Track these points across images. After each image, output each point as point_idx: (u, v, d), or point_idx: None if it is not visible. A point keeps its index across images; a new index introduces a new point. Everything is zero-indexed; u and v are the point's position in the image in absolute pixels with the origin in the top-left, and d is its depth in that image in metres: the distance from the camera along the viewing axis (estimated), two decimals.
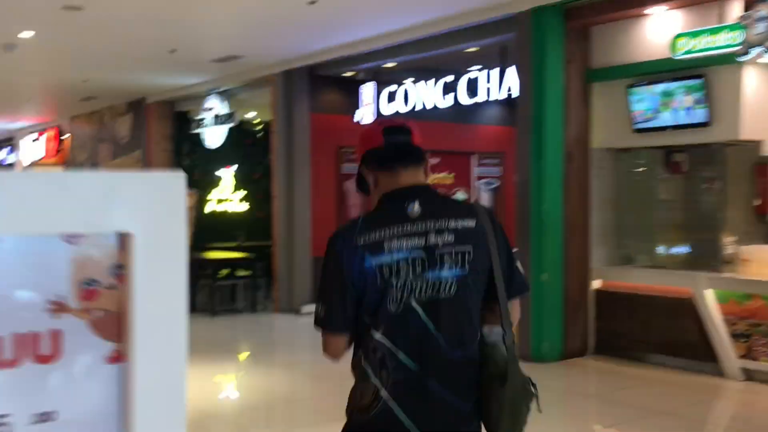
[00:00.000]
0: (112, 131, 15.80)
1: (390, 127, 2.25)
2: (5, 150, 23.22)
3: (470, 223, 2.14)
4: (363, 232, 2.09)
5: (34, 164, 20.77)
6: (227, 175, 14.86)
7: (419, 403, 2.06)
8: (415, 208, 2.11)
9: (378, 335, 2.07)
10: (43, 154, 19.43)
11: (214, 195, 14.70)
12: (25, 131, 20.64)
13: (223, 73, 11.73)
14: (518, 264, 2.28)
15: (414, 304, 2.07)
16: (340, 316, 2.10)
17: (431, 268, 2.08)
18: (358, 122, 10.32)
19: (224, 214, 14.70)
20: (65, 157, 19.75)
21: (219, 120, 12.84)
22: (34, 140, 20.01)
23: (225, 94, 12.72)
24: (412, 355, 2.06)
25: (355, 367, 2.15)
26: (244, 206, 15.01)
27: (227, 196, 14.86)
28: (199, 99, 13.16)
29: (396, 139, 2.21)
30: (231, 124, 12.80)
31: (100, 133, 16.40)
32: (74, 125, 17.80)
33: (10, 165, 21.96)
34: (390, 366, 2.06)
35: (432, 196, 2.21)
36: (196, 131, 13.69)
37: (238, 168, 14.93)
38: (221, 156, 14.83)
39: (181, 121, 14.38)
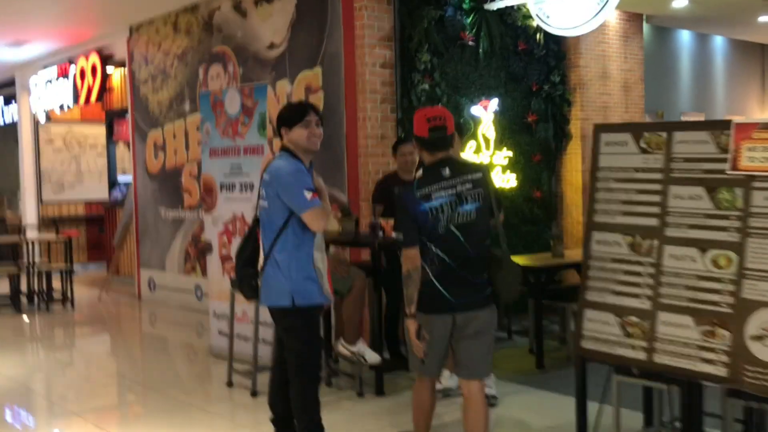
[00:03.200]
0: (238, 38, 8.36)
1: (433, 126, 3.70)
2: None
3: (478, 175, 3.73)
4: (418, 189, 3.66)
5: (53, 120, 13.13)
6: (486, 117, 7.62)
7: (451, 281, 3.66)
8: (447, 171, 3.67)
9: (432, 246, 3.65)
10: (71, 101, 11.80)
11: (466, 153, 7.46)
12: (33, 65, 12.91)
13: None
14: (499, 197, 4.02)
15: (452, 227, 3.63)
16: (412, 237, 3.65)
17: (460, 204, 3.64)
18: None
19: None
20: (111, 104, 12.17)
21: None
22: (50, 81, 12.34)
23: None
24: (449, 255, 3.64)
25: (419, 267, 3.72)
26: (510, 178, 7.80)
27: (486, 159, 7.64)
28: None
29: (437, 134, 3.70)
30: None
31: (203, 48, 8.94)
32: (138, 43, 10.26)
33: (12, 125, 14.22)
34: (436, 261, 3.65)
35: (455, 163, 3.77)
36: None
37: (502, 103, 7.71)
38: (485, 76, 7.60)
39: (417, 5, 7.04)
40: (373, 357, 5.23)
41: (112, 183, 13.01)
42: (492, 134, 7.62)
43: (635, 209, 3.53)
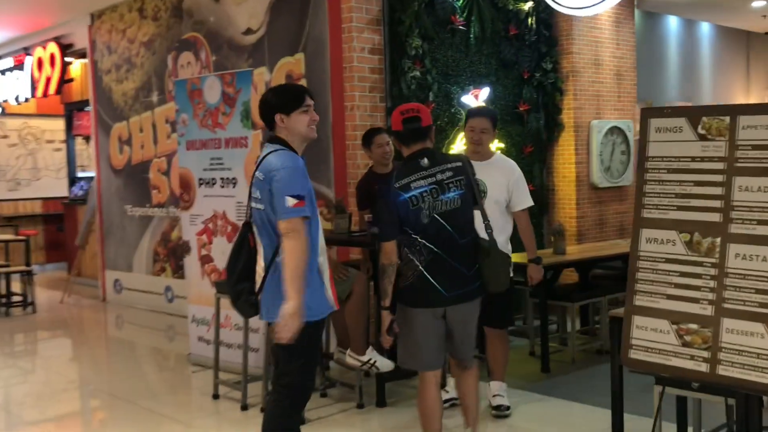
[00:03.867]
0: (210, 23, 7.84)
1: (407, 118, 3.74)
2: None
3: (458, 163, 3.76)
4: (397, 180, 3.64)
5: (8, 114, 12.40)
6: (477, 105, 7.22)
7: (442, 272, 3.62)
8: (425, 162, 3.68)
9: (417, 237, 3.61)
10: (28, 93, 11.14)
11: (456, 146, 7.07)
12: None
13: None
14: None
15: (436, 216, 3.62)
16: (389, 232, 3.64)
17: (442, 193, 3.64)
18: None
19: None
20: (70, 96, 11.53)
21: None
22: (4, 72, 11.64)
23: None
24: (437, 245, 3.61)
25: (403, 259, 3.66)
26: None
27: None
28: None
29: (411, 126, 3.73)
30: None
31: (172, 34, 8.41)
32: (100, 30, 9.67)
33: None
34: (424, 252, 3.61)
35: (434, 153, 3.78)
36: None
37: (493, 92, 7.32)
38: (475, 63, 7.21)
39: None
40: (385, 364, 4.78)
41: (72, 179, 12.36)
42: None
43: (693, 203, 3.14)
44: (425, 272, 3.64)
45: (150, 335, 8.13)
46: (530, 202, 4.86)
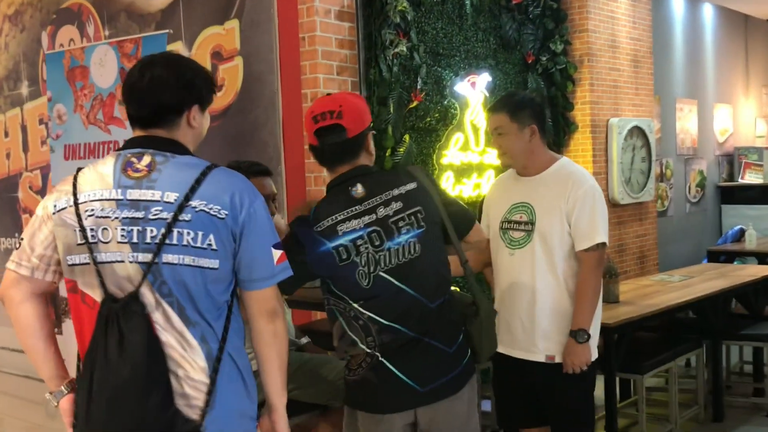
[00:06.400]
0: None
1: (322, 128, 2.36)
2: None
3: (412, 185, 2.41)
4: (317, 221, 2.33)
5: None
6: (474, 97, 5.38)
7: (410, 356, 2.35)
8: (359, 189, 2.36)
9: (356, 306, 2.33)
10: None
11: (451, 151, 5.21)
12: None
13: None
14: (459, 204, 2.61)
15: (383, 274, 2.32)
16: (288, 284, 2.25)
17: (389, 238, 2.33)
18: None
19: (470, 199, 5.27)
20: None
21: None
22: None
23: None
24: (393, 318, 2.32)
25: (340, 338, 2.39)
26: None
27: (474, 158, 5.41)
28: None
29: (329, 140, 2.36)
30: None
31: (47, 3, 6.33)
32: None
33: None
34: (373, 330, 2.32)
35: (371, 174, 2.44)
36: None
37: (492, 79, 5.51)
38: (471, 40, 5.38)
39: None
40: None
41: None
42: (482, 122, 5.39)
43: None
44: (382, 359, 2.36)
45: (23, 410, 6.13)
46: (597, 239, 2.97)
